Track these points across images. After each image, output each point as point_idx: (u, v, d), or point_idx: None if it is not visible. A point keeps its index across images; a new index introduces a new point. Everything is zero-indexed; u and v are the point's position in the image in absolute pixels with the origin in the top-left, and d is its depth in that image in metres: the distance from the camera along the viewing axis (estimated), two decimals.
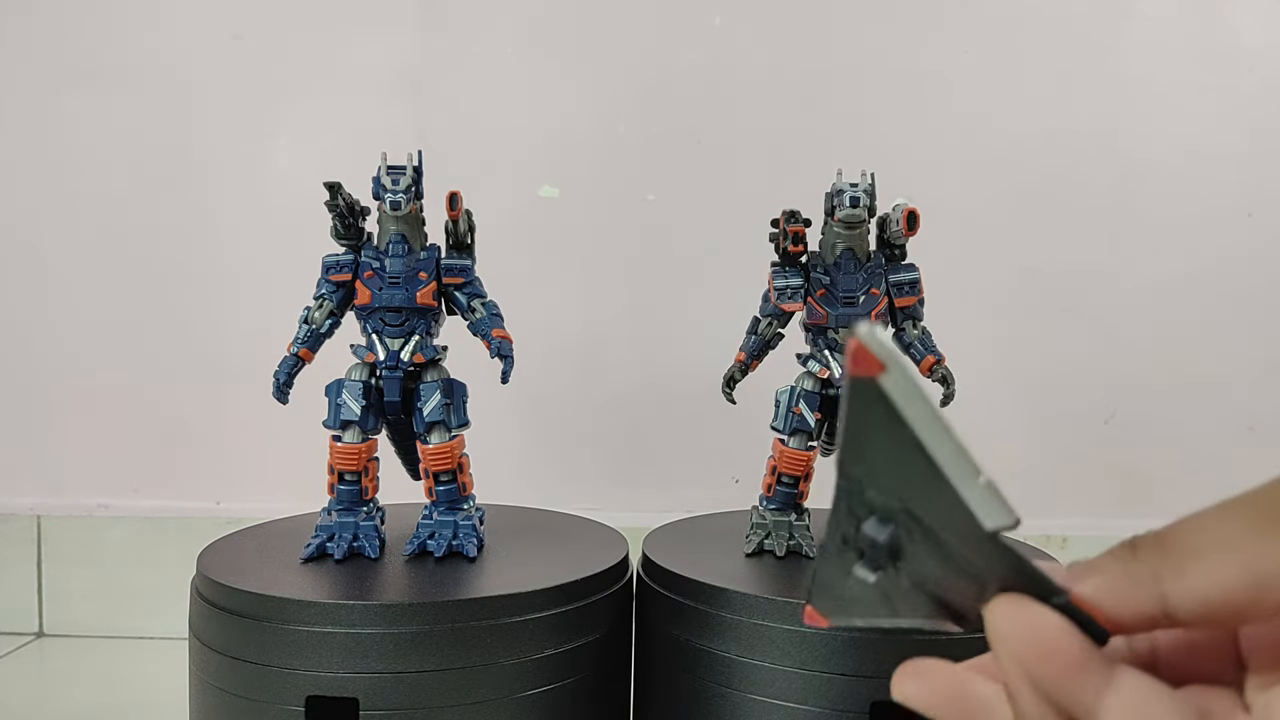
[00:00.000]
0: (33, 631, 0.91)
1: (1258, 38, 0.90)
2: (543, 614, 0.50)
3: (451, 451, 0.57)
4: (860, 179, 0.57)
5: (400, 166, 0.56)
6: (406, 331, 0.57)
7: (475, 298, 0.58)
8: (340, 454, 0.57)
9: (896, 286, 0.58)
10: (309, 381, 0.58)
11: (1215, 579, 0.21)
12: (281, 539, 0.59)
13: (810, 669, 0.47)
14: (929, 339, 0.60)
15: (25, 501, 0.91)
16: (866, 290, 0.58)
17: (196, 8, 0.90)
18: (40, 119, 0.91)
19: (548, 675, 0.50)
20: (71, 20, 0.90)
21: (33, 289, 0.91)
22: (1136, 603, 0.22)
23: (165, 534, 0.90)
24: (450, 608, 0.48)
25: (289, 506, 0.66)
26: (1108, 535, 0.93)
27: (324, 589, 0.50)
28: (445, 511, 0.57)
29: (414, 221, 0.58)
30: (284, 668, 0.47)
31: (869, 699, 0.46)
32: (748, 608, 0.49)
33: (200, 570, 0.53)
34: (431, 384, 0.57)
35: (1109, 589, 0.23)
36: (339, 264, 0.57)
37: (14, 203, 0.91)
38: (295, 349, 0.58)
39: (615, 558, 0.57)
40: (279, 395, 0.57)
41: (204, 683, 0.51)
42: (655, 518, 0.68)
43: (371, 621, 0.47)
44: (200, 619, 0.52)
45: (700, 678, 0.50)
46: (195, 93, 0.90)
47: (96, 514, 0.91)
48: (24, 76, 0.90)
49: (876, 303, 0.58)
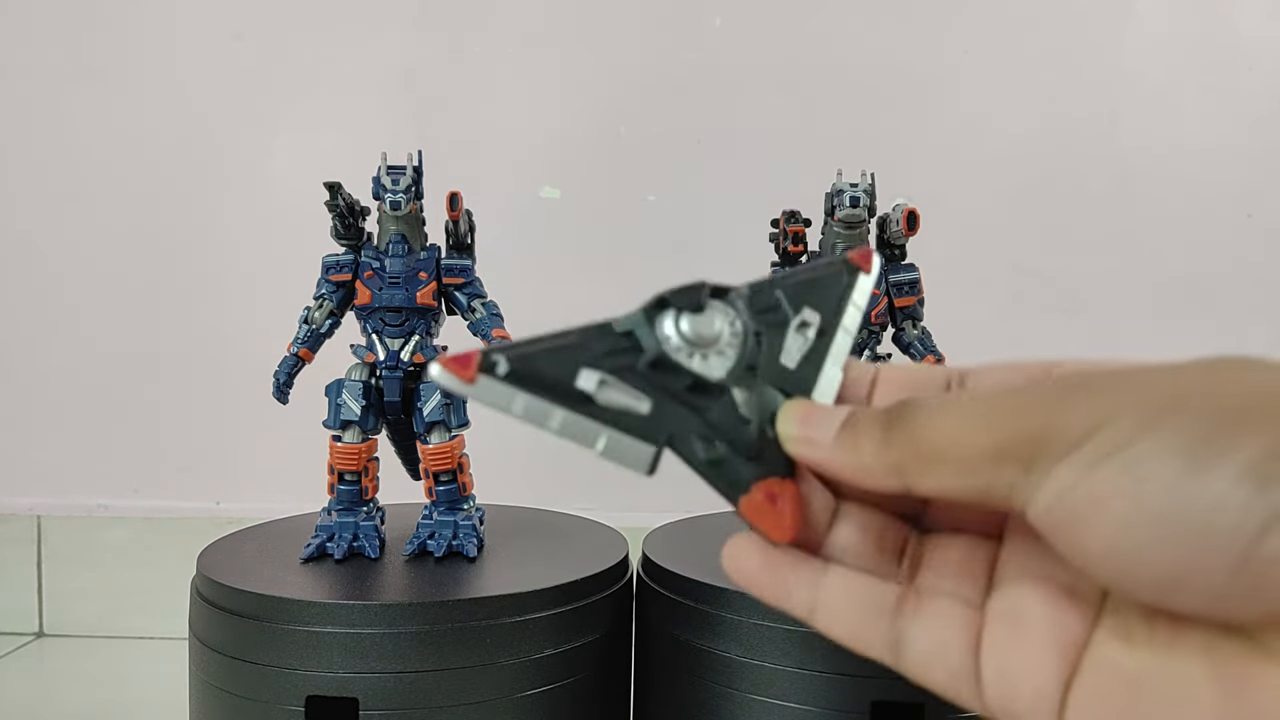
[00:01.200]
0: (33, 631, 0.91)
1: (1258, 38, 0.90)
2: (543, 614, 0.50)
3: (451, 451, 0.57)
4: (860, 179, 0.57)
5: (400, 166, 0.56)
6: (406, 331, 0.57)
7: (475, 298, 0.58)
8: (340, 454, 0.57)
9: (896, 286, 0.58)
10: (309, 381, 0.58)
11: (951, 485, 0.23)
12: (281, 539, 0.59)
13: (810, 669, 0.47)
14: (929, 339, 0.60)
15: (25, 501, 0.91)
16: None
17: (196, 8, 0.90)
18: (40, 119, 0.91)
19: (548, 675, 0.50)
20: (71, 20, 0.90)
21: (33, 289, 0.91)
22: (882, 484, 0.25)
23: (165, 534, 0.90)
24: (450, 608, 0.48)
25: (289, 506, 0.66)
26: None
27: (324, 589, 0.50)
28: (445, 511, 0.57)
29: (414, 221, 0.58)
30: (284, 668, 0.47)
31: (869, 699, 0.46)
32: (748, 608, 0.49)
33: (200, 570, 0.53)
34: (431, 384, 0.57)
35: (856, 468, 0.25)
36: (339, 264, 0.57)
37: (13, 202, 0.91)
38: (295, 349, 0.58)
39: (615, 558, 0.57)
40: (279, 395, 0.57)
41: (204, 683, 0.51)
42: (655, 518, 0.68)
43: (371, 621, 0.47)
44: (200, 619, 0.52)
45: (700, 678, 0.50)
46: (195, 93, 0.90)
47: (96, 514, 0.91)
48: (24, 76, 0.90)
49: (876, 303, 0.58)
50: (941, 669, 0.24)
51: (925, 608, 0.25)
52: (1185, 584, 0.20)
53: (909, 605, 0.25)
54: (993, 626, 0.24)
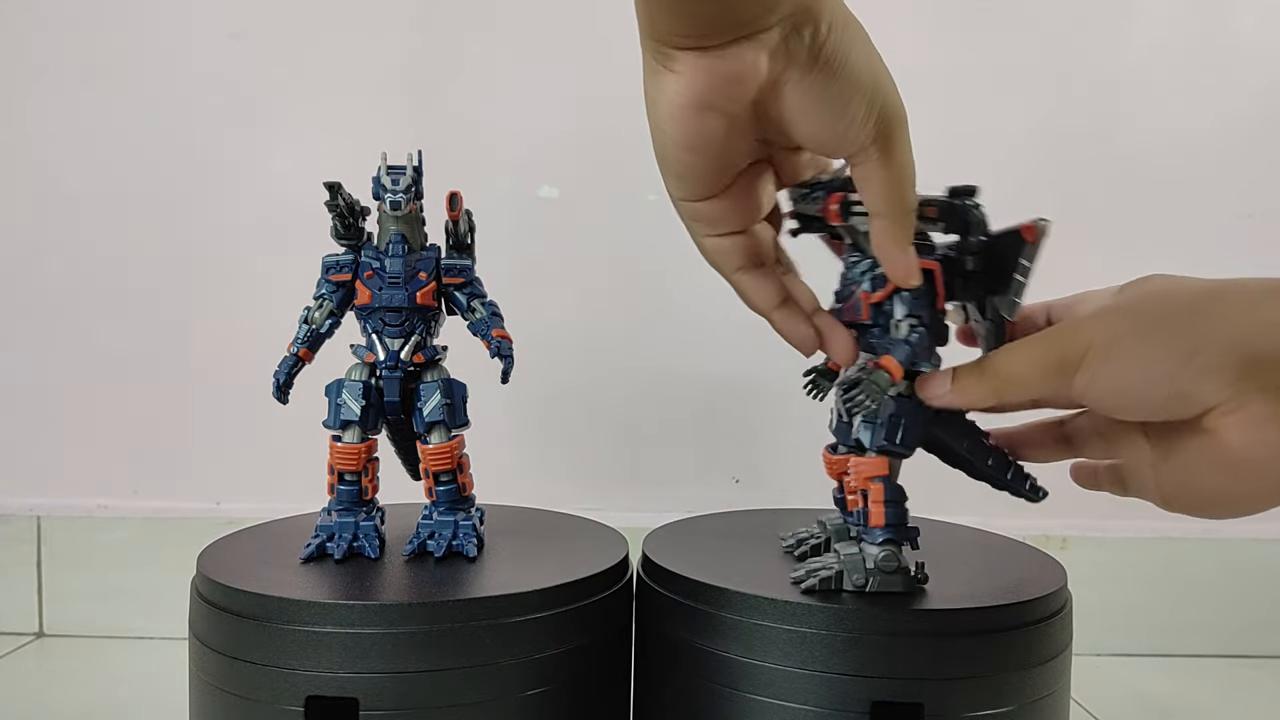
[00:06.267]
0: (33, 631, 0.91)
1: (1258, 38, 0.90)
2: (543, 614, 0.50)
3: (451, 451, 0.57)
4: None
5: (400, 166, 0.56)
6: (406, 331, 0.57)
7: (475, 298, 0.58)
8: (340, 454, 0.57)
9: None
10: (309, 381, 0.58)
11: (1024, 398, 0.46)
12: (281, 539, 0.59)
13: (810, 669, 0.47)
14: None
15: (25, 501, 0.91)
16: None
17: (196, 7, 0.90)
18: (40, 119, 0.91)
19: (548, 675, 0.50)
20: (71, 20, 0.90)
21: (33, 289, 0.91)
22: (988, 406, 0.47)
23: (165, 534, 0.90)
24: (450, 608, 0.48)
25: (289, 506, 0.66)
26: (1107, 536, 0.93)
27: (324, 589, 0.50)
28: (445, 511, 0.57)
29: (414, 221, 0.57)
30: (284, 668, 0.47)
31: (869, 699, 0.46)
32: (748, 608, 0.49)
33: (200, 570, 0.53)
34: (431, 384, 0.57)
35: (969, 402, 0.47)
36: (339, 264, 0.57)
37: (13, 202, 0.91)
38: (295, 349, 0.57)
39: (615, 558, 0.57)
40: (279, 395, 0.57)
41: (204, 683, 0.51)
42: (655, 518, 0.68)
43: (371, 621, 0.47)
44: (200, 619, 0.52)
45: (700, 678, 0.50)
46: (195, 93, 0.90)
47: (96, 514, 0.91)
48: (23, 76, 0.90)
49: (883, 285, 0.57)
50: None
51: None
52: (1145, 407, 0.42)
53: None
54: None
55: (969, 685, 0.47)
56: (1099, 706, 0.80)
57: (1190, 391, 0.40)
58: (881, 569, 0.49)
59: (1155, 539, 0.91)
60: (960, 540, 0.62)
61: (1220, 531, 0.91)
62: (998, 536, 0.64)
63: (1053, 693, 0.50)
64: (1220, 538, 0.91)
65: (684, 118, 0.39)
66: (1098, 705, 0.80)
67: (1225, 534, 0.91)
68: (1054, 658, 0.50)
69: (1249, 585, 0.91)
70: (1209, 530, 0.91)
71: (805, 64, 0.37)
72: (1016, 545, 0.62)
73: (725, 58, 0.37)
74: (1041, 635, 0.49)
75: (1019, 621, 0.49)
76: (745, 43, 0.36)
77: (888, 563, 0.49)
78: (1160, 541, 0.91)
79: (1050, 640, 0.50)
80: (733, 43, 0.36)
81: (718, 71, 0.37)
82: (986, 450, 0.52)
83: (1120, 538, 0.90)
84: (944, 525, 0.65)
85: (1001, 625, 0.48)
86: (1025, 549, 0.61)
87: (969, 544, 0.62)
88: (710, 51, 0.36)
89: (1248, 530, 0.91)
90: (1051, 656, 0.50)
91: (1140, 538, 0.91)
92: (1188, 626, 0.92)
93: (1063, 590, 0.53)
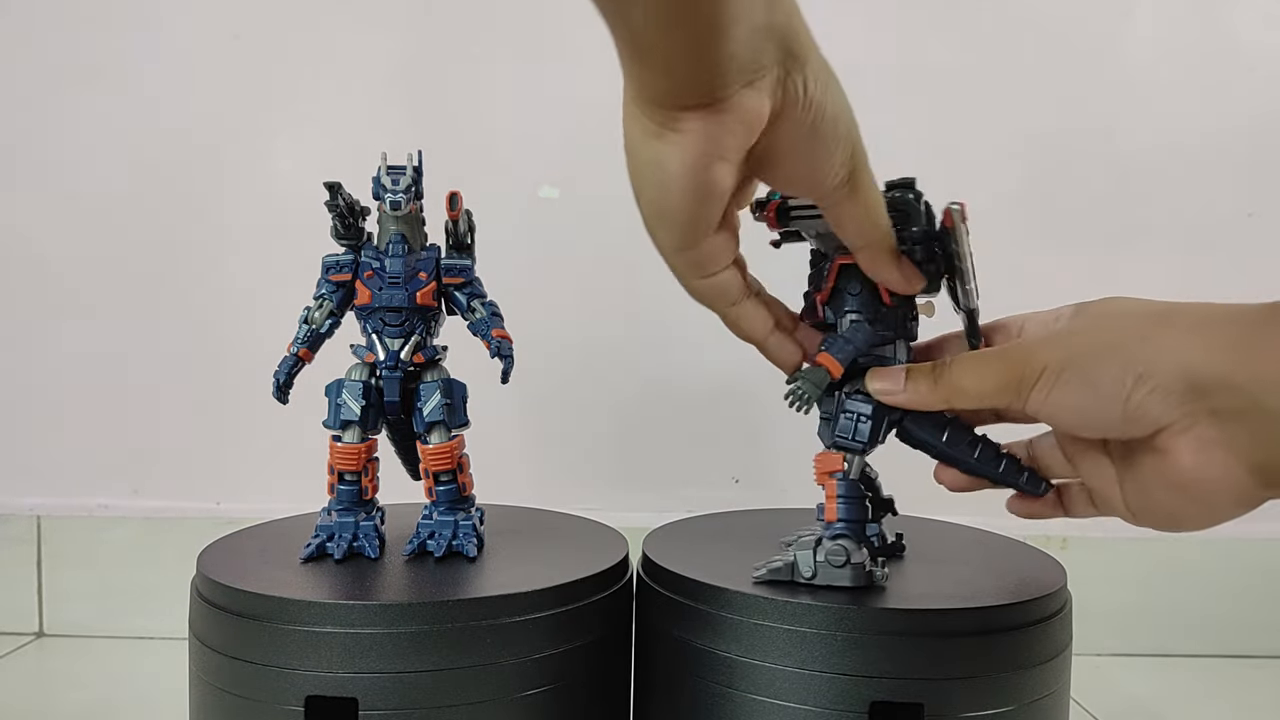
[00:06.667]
0: (33, 631, 0.91)
1: (1258, 38, 0.90)
2: (543, 614, 0.50)
3: (451, 451, 0.57)
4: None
5: (400, 166, 0.56)
6: (406, 331, 0.57)
7: (475, 298, 0.58)
8: (340, 454, 0.57)
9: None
10: (309, 381, 0.58)
11: (974, 406, 0.47)
12: (281, 539, 0.59)
13: (810, 669, 0.47)
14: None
15: (25, 501, 0.91)
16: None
17: (195, 8, 0.90)
18: (40, 119, 0.91)
19: (548, 675, 0.50)
20: (71, 20, 0.90)
21: (32, 289, 0.91)
22: (936, 408, 0.49)
23: (165, 534, 0.90)
24: (450, 608, 0.48)
25: (289, 506, 0.66)
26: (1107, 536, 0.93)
27: (324, 589, 0.50)
28: (445, 511, 0.57)
29: (414, 221, 0.57)
30: (284, 668, 0.47)
31: (869, 699, 0.46)
32: (748, 608, 0.49)
33: (200, 570, 0.53)
34: (431, 384, 0.57)
35: (918, 403, 0.49)
36: (339, 264, 0.57)
37: (13, 202, 0.91)
38: (295, 349, 0.57)
39: (615, 558, 0.57)
40: (278, 395, 0.57)
41: (204, 683, 0.51)
42: (655, 518, 0.68)
43: (371, 621, 0.47)
44: (200, 619, 0.52)
45: (700, 678, 0.50)
46: (194, 93, 0.90)
47: (96, 514, 0.91)
48: (23, 76, 0.90)
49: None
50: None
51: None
52: (1098, 426, 0.45)
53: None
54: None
55: (969, 685, 0.47)
56: (1099, 706, 0.80)
57: (1141, 413, 0.41)
58: (829, 562, 0.49)
59: (1155, 539, 0.90)
60: (960, 540, 0.62)
61: (1220, 531, 0.90)
62: (998, 536, 0.64)
63: (1053, 693, 0.50)
64: (1220, 538, 0.91)
65: (695, 174, 0.39)
66: (1098, 705, 0.80)
67: (1225, 534, 0.90)
68: (1054, 658, 0.50)
69: (1249, 585, 0.91)
70: (1209, 530, 0.91)
71: (797, 103, 0.38)
72: (1016, 545, 0.62)
73: (731, 109, 0.36)
74: (1041, 635, 0.49)
75: (1019, 621, 0.49)
76: (748, 90, 0.36)
77: (835, 557, 0.49)
78: (1160, 541, 0.90)
79: (1050, 640, 0.50)
80: (735, 93, 0.36)
81: (727, 124, 0.37)
82: (972, 443, 0.51)
83: (1120, 538, 0.90)
84: (944, 525, 0.65)
85: (1001, 625, 0.48)
86: (1025, 549, 0.61)
87: (969, 544, 0.62)
88: (716, 106, 0.36)
89: (1247, 530, 0.91)
90: (1051, 656, 0.50)
91: (1140, 537, 0.90)
92: (1188, 626, 0.92)
93: (1063, 590, 0.53)
